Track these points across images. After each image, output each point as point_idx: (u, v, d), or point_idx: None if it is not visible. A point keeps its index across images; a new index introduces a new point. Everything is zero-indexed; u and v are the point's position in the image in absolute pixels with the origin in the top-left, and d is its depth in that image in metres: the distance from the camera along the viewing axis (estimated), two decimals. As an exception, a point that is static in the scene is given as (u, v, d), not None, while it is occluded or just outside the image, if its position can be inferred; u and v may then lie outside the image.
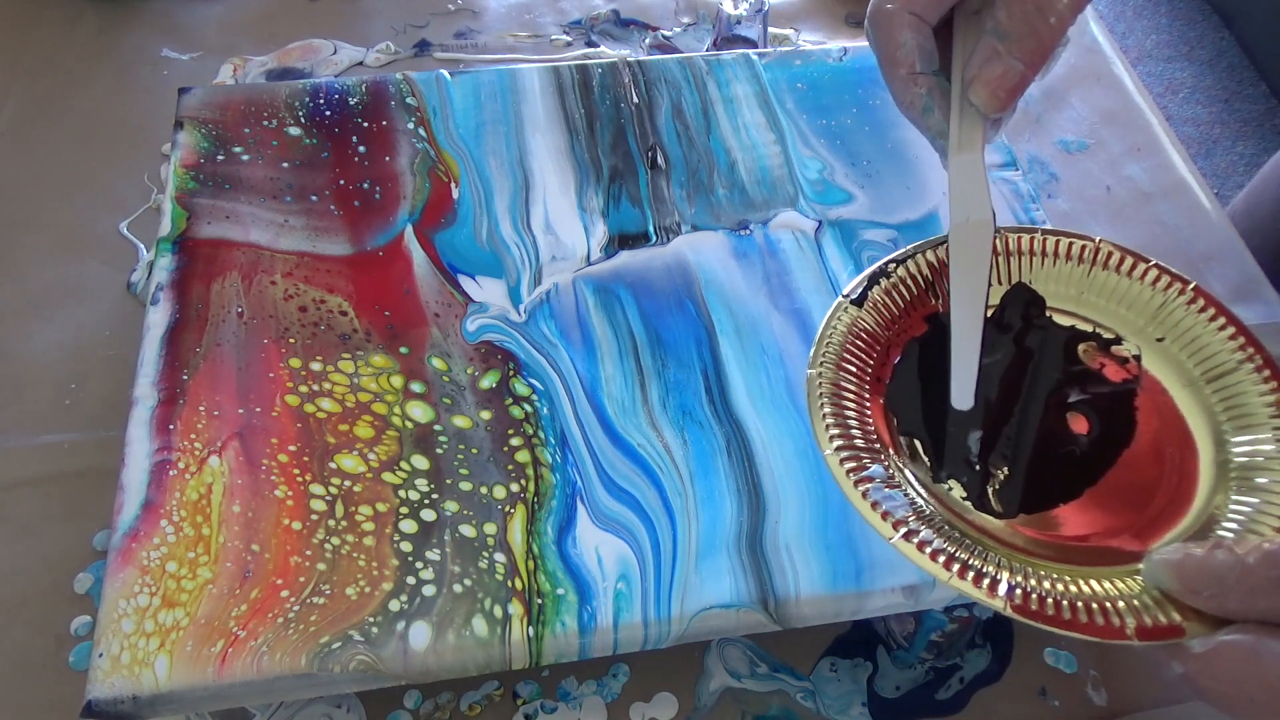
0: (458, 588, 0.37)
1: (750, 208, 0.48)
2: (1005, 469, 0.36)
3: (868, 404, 0.36)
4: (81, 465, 0.45)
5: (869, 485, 0.33)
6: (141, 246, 0.53)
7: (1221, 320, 0.37)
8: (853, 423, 0.35)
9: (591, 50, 0.64)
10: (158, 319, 0.42)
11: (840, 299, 0.38)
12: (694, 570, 0.37)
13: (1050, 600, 0.30)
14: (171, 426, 0.39)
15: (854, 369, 0.37)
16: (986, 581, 0.31)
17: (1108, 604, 0.30)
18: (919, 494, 0.34)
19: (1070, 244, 0.39)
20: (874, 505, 0.32)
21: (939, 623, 0.43)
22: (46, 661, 0.41)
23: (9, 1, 0.63)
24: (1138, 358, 0.39)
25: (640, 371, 0.42)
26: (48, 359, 0.49)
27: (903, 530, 0.32)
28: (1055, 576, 0.31)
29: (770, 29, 0.65)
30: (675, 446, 0.40)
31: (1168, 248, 0.56)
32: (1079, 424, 0.37)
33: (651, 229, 0.47)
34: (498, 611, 0.36)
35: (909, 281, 0.39)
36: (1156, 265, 0.39)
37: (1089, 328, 0.39)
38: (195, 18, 0.64)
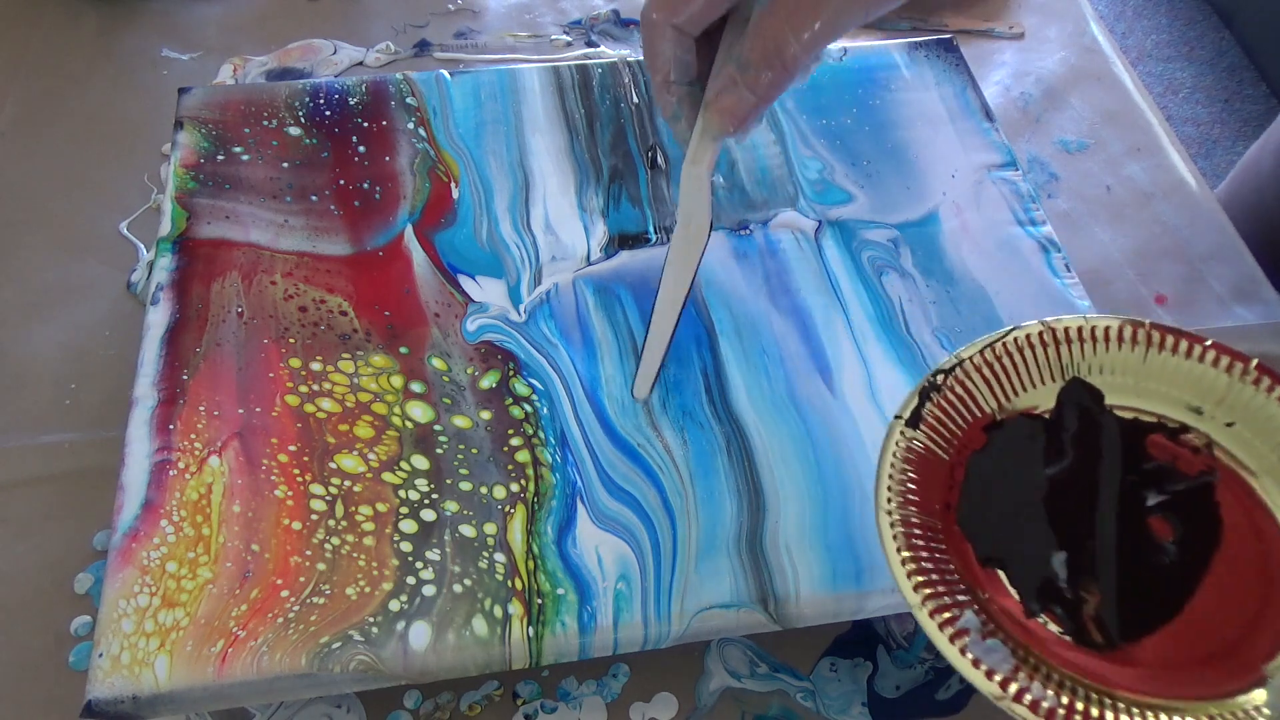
0: (458, 588, 0.37)
1: (750, 208, 0.49)
2: (1096, 591, 0.34)
3: (941, 535, 0.34)
4: (81, 465, 0.45)
5: (966, 639, 0.31)
6: (141, 246, 0.53)
7: None
8: (931, 561, 0.33)
9: (591, 50, 0.64)
10: (158, 319, 0.42)
11: (894, 420, 0.36)
12: (694, 570, 0.37)
13: None
14: (171, 426, 0.39)
15: (920, 498, 0.34)
16: None
17: None
18: (1014, 637, 0.32)
19: (1120, 328, 0.37)
20: (976, 662, 0.30)
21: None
22: (46, 661, 0.41)
23: (9, 1, 0.63)
24: (1209, 446, 0.36)
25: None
26: (48, 359, 0.49)
27: (1013, 689, 0.30)
28: (1175, 718, 0.29)
29: (770, 29, 0.64)
30: (675, 446, 0.40)
31: (1167, 248, 0.56)
32: (1162, 529, 0.35)
33: (651, 229, 0.47)
34: (498, 611, 0.36)
35: (960, 391, 0.37)
36: (1214, 345, 0.36)
37: (1153, 419, 0.37)
38: (195, 18, 0.64)
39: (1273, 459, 0.35)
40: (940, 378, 0.37)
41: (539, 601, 0.36)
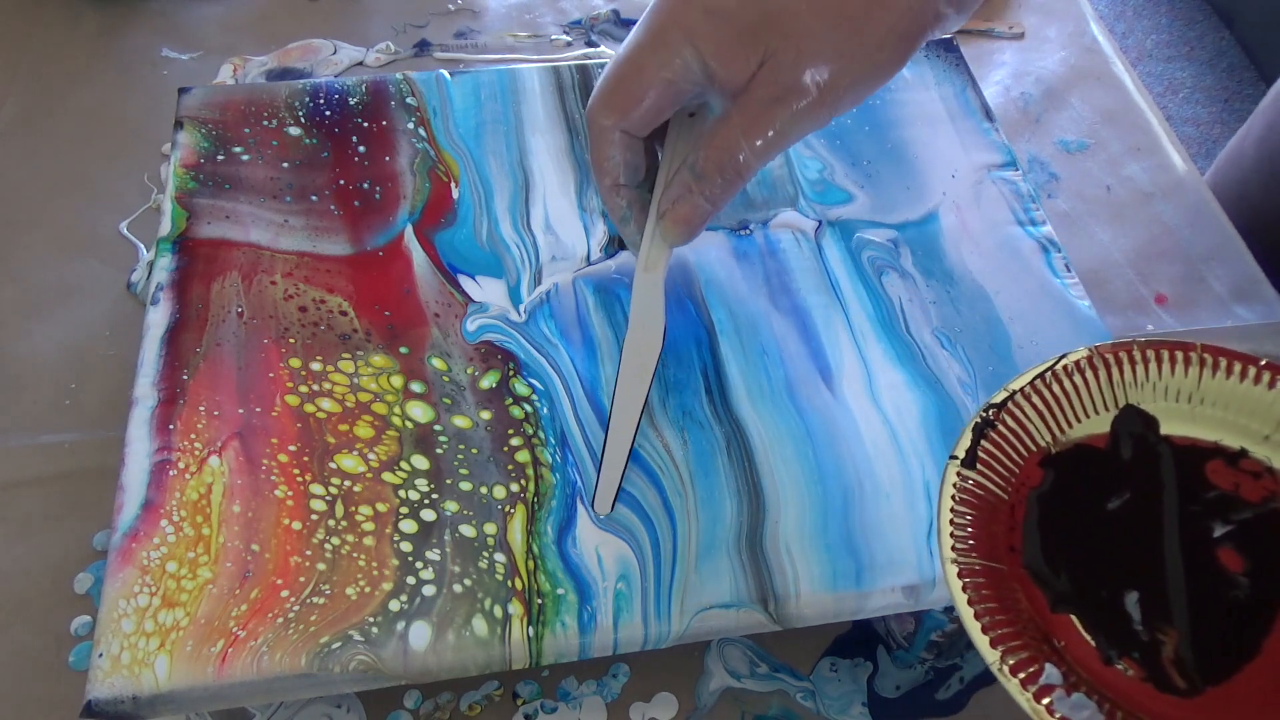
0: (458, 588, 0.37)
1: (750, 208, 0.48)
2: (1173, 632, 0.32)
3: (1010, 581, 0.33)
4: (81, 465, 0.45)
5: (1051, 695, 0.29)
6: (141, 246, 0.53)
7: None
8: (1003, 612, 0.31)
9: (591, 50, 0.64)
10: (158, 319, 0.42)
11: (950, 460, 0.34)
12: (694, 570, 0.37)
13: None
14: (171, 426, 0.39)
15: (982, 543, 0.33)
16: None
17: None
18: (1097, 690, 0.31)
19: (1171, 352, 0.36)
20: None
21: (939, 623, 0.42)
22: (46, 661, 0.41)
23: (9, 1, 0.63)
24: (1271, 470, 0.35)
25: (640, 371, 0.42)
26: (48, 359, 0.49)
27: None
28: None
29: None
30: (675, 446, 0.40)
31: (1168, 248, 0.56)
32: (1231, 560, 0.33)
33: (651, 229, 0.47)
34: (498, 611, 0.36)
35: (1012, 424, 0.35)
36: (1268, 365, 0.35)
37: (1210, 444, 0.36)
38: (195, 18, 0.64)
39: None
40: (992, 412, 0.35)
41: (539, 601, 0.36)
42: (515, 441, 0.40)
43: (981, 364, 0.44)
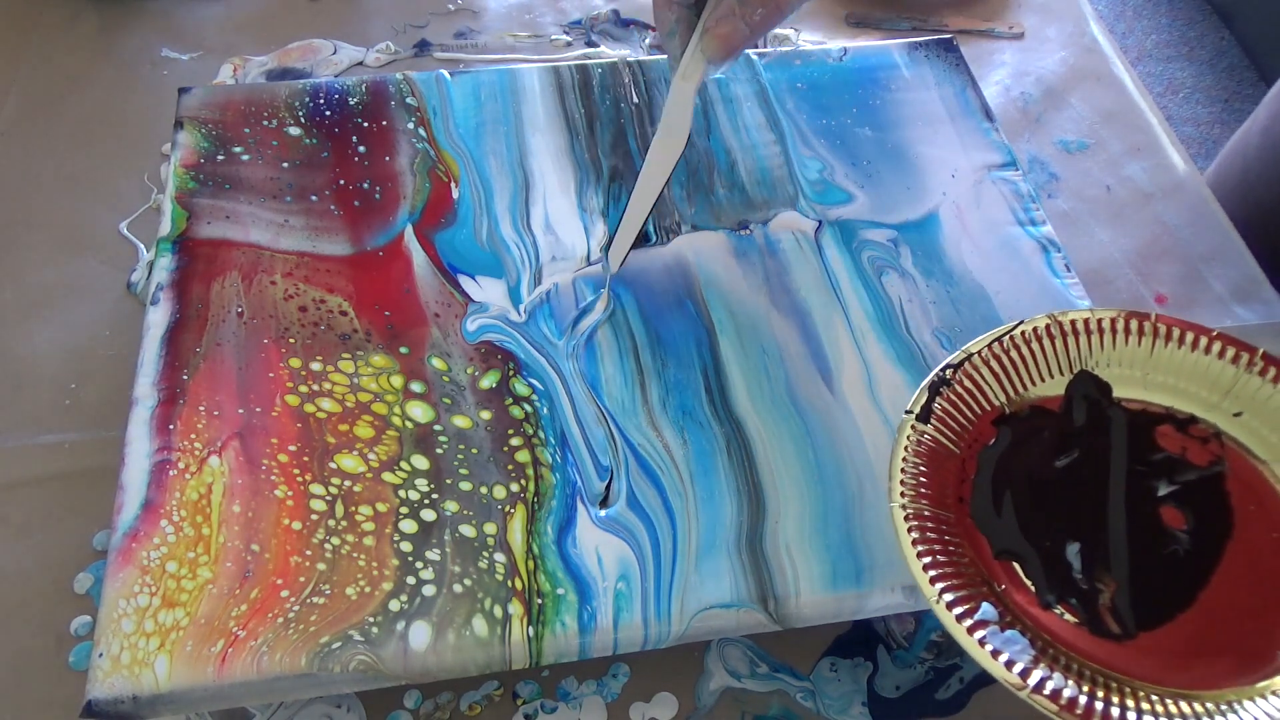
0: (458, 588, 0.36)
1: (750, 208, 0.48)
2: (1111, 581, 0.34)
3: (955, 528, 0.34)
4: (81, 465, 0.45)
5: (984, 631, 0.31)
6: (141, 246, 0.53)
7: None
8: (946, 554, 0.33)
9: (591, 50, 0.64)
10: (158, 319, 0.42)
11: (905, 415, 0.36)
12: (694, 570, 0.37)
13: None
14: (171, 426, 0.39)
15: (933, 492, 0.35)
16: None
17: None
18: (1031, 627, 0.32)
19: (1127, 320, 0.38)
20: (995, 654, 0.30)
21: (939, 623, 0.42)
22: (46, 661, 0.41)
23: (9, 1, 0.63)
24: (1218, 436, 0.37)
25: (640, 371, 0.42)
26: (48, 359, 0.49)
27: (1034, 679, 0.30)
28: (1197, 704, 0.29)
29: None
30: (675, 446, 0.40)
31: (1168, 248, 0.56)
32: (1174, 518, 0.35)
33: (651, 229, 0.47)
34: (498, 611, 0.36)
35: (969, 384, 0.37)
36: (1219, 336, 0.37)
37: (1161, 410, 0.37)
38: (195, 18, 0.64)
39: None
40: (949, 372, 0.37)
41: (539, 601, 0.36)
42: (515, 441, 0.40)
43: (981, 364, 0.43)
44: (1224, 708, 0.30)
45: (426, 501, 0.38)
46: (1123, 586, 0.34)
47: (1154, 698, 0.30)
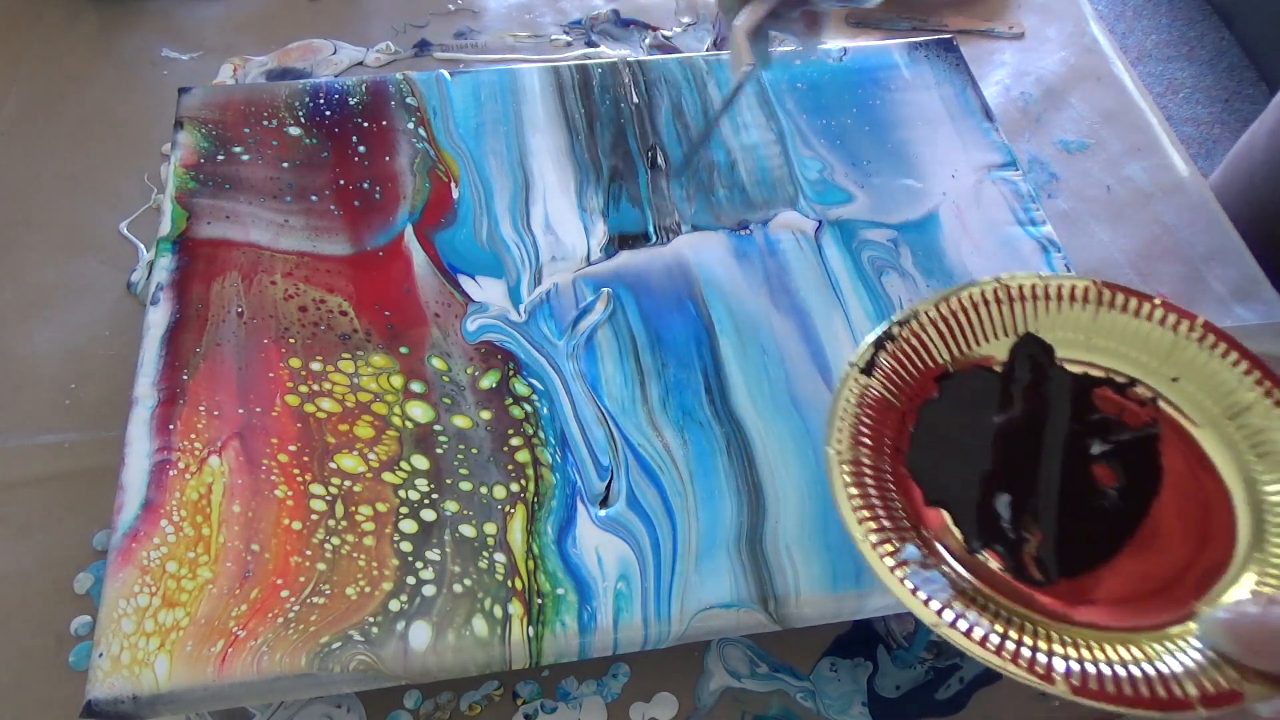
0: (458, 588, 0.36)
1: (750, 208, 0.48)
2: (1038, 532, 0.35)
3: (890, 476, 0.35)
4: (81, 465, 0.45)
5: (906, 570, 0.32)
6: (141, 246, 0.53)
7: (1235, 355, 0.37)
8: (878, 499, 0.34)
9: (591, 50, 0.64)
10: (158, 319, 0.42)
11: (848, 367, 0.37)
12: (694, 570, 0.37)
13: (1109, 678, 0.29)
14: (171, 426, 0.39)
15: (871, 441, 0.36)
16: (1042, 666, 0.30)
17: (1166, 674, 0.29)
18: (956, 570, 0.34)
19: (1072, 286, 0.39)
20: (914, 591, 0.31)
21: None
22: (46, 661, 0.41)
23: (9, 1, 0.63)
24: (1155, 400, 0.38)
25: (640, 371, 0.42)
26: (48, 359, 0.49)
27: (950, 617, 0.31)
28: (1107, 647, 0.30)
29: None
30: (675, 446, 0.40)
31: (1168, 248, 0.56)
32: (1105, 476, 0.36)
33: (651, 229, 0.47)
34: (498, 611, 0.36)
35: (914, 342, 0.38)
36: (1163, 304, 0.38)
37: (1102, 373, 0.38)
38: (195, 18, 0.64)
39: (1215, 412, 0.37)
40: (896, 328, 0.38)
41: (539, 601, 0.36)
42: (515, 441, 0.40)
43: (981, 364, 0.43)
44: (1132, 650, 0.31)
45: (426, 501, 0.38)
46: (1049, 536, 0.35)
47: (1066, 639, 0.31)
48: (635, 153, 0.50)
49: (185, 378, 0.41)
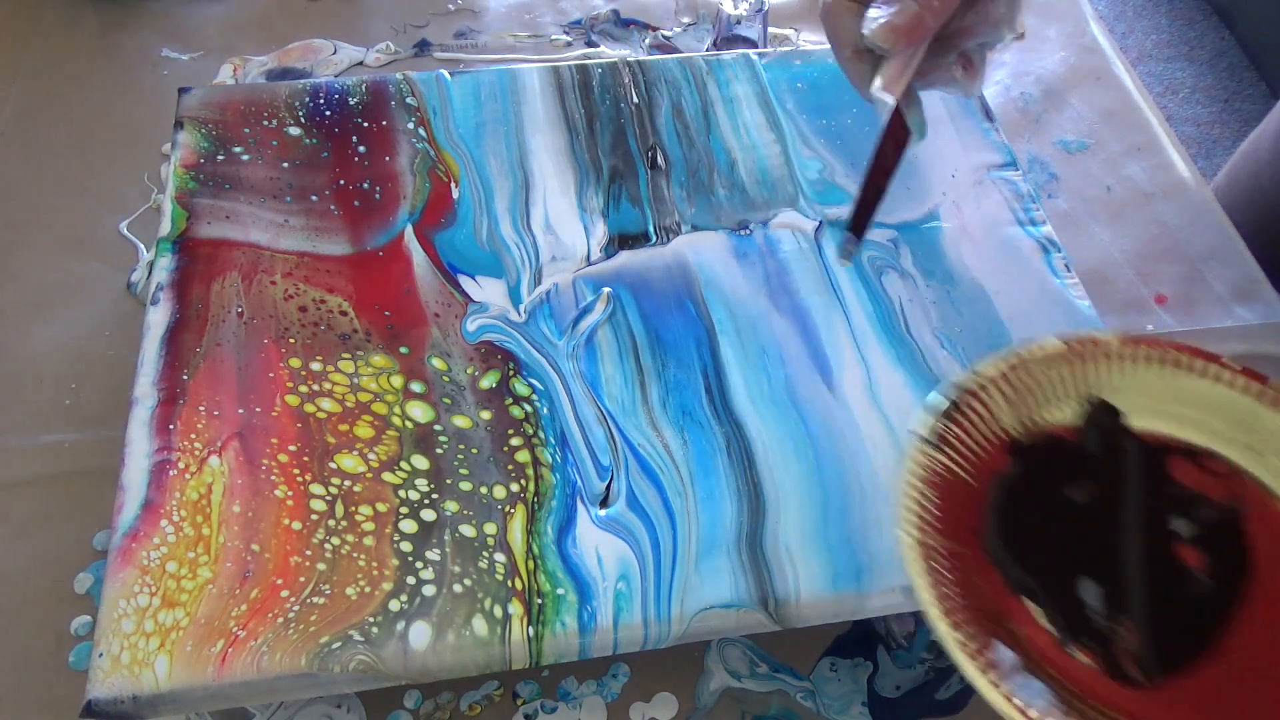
0: (458, 588, 0.36)
1: (750, 208, 0.48)
2: (1129, 623, 0.32)
3: (968, 561, 0.33)
4: (81, 465, 0.45)
5: (998, 673, 0.30)
6: (141, 246, 0.53)
7: None
8: (960, 590, 0.31)
9: (591, 50, 0.64)
10: (158, 319, 0.42)
11: (913, 439, 0.35)
12: (694, 570, 0.37)
13: None
14: (171, 426, 0.39)
15: (945, 523, 0.33)
16: None
17: None
18: (1047, 670, 0.31)
19: (1140, 346, 0.36)
20: (1009, 698, 0.29)
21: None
22: (46, 661, 0.41)
23: (9, 2, 0.63)
24: (1235, 470, 0.35)
25: (640, 371, 0.42)
26: (48, 359, 0.49)
27: None
28: None
29: (770, 29, 0.65)
30: (675, 446, 0.40)
31: (1168, 248, 0.56)
32: (1191, 557, 0.34)
33: (651, 229, 0.47)
34: (498, 611, 0.36)
35: (981, 410, 0.36)
36: (1245, 370, 0.35)
37: (1176, 441, 0.36)
38: (195, 18, 0.64)
39: None
40: (960, 395, 0.36)
41: (539, 601, 0.36)
42: (515, 441, 0.40)
43: (981, 364, 0.43)
44: None
45: (426, 501, 0.38)
46: (1142, 629, 0.32)
47: None
48: (635, 153, 0.50)
49: (185, 378, 0.41)
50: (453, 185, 0.48)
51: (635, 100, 0.52)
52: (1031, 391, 0.37)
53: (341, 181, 0.48)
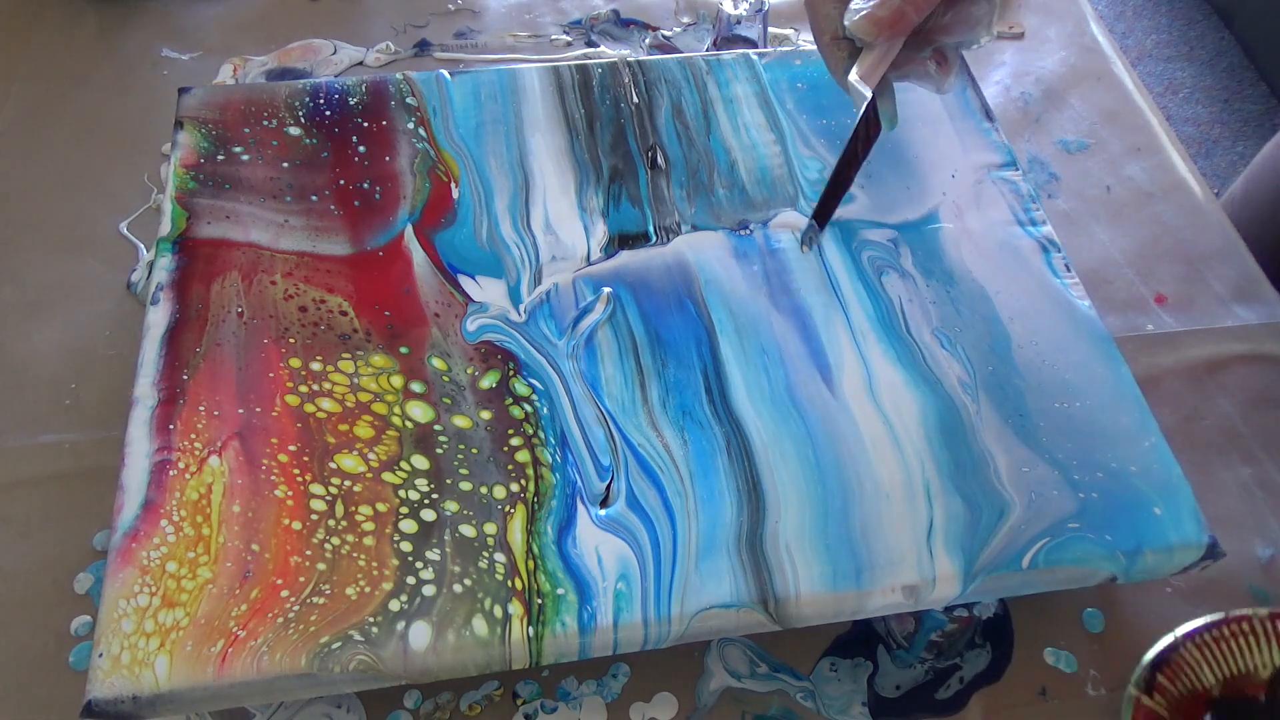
0: (458, 588, 0.36)
1: (750, 208, 0.48)
2: None
3: None
4: (81, 465, 0.45)
5: None
6: (141, 246, 0.53)
7: None
8: None
9: (591, 50, 0.64)
10: (158, 319, 0.42)
11: (1130, 689, 0.38)
12: (694, 570, 0.37)
13: None
14: (171, 426, 0.39)
15: None
16: None
17: None
18: None
19: None
20: None
21: (939, 623, 0.43)
22: (46, 661, 0.41)
23: (9, 2, 0.63)
24: None
25: (640, 371, 0.42)
26: (48, 359, 0.49)
27: None
28: None
29: (770, 29, 0.65)
30: (675, 446, 0.40)
31: (1168, 248, 0.56)
32: None
33: (651, 229, 0.47)
34: (498, 611, 0.36)
35: (1194, 662, 0.39)
36: None
37: None
38: (195, 18, 0.64)
39: None
40: (1168, 650, 0.39)
41: (539, 601, 0.36)
42: (515, 441, 0.40)
43: (981, 364, 0.44)
44: None
45: (426, 501, 0.38)
46: None
47: None
48: (635, 153, 0.50)
49: (185, 378, 0.41)
50: (453, 185, 0.48)
51: (635, 100, 0.52)
52: (1234, 655, 0.39)
53: (341, 181, 0.48)
